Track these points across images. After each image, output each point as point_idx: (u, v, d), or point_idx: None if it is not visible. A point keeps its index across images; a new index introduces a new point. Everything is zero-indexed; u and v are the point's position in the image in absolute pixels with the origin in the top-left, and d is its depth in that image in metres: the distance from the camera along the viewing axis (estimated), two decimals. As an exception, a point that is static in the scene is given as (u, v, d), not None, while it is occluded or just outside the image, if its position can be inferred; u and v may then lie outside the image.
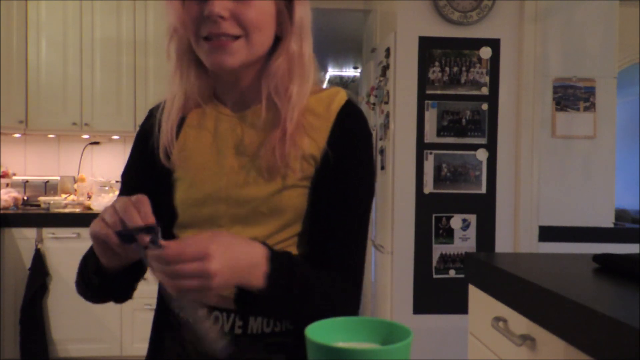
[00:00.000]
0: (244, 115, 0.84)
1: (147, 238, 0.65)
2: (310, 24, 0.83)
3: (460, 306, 2.33)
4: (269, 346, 0.81)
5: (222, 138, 0.84)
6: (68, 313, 3.14)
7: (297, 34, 0.81)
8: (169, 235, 0.86)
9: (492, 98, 2.70)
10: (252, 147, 0.82)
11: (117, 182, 3.64)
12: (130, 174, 0.92)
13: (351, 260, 0.83)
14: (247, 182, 0.81)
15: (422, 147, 2.70)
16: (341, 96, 0.85)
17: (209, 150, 0.84)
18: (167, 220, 0.85)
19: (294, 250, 0.84)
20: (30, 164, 3.77)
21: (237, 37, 0.76)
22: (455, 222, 2.71)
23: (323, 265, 0.80)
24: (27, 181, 3.53)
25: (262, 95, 0.81)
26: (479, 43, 2.70)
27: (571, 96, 2.72)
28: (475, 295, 1.52)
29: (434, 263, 2.71)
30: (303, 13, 0.81)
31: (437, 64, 2.69)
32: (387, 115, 2.80)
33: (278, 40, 0.82)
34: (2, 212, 3.16)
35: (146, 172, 0.88)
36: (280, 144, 0.79)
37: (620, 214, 3.92)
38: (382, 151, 2.95)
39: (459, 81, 2.69)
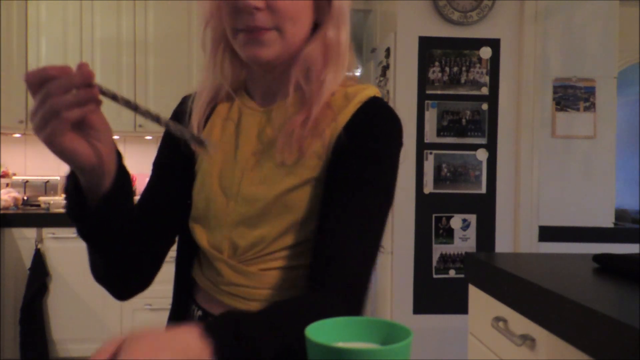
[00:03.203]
0: (269, 110, 0.81)
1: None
2: (349, 12, 0.81)
3: (460, 306, 2.32)
4: None
5: (243, 132, 0.82)
6: (68, 313, 3.14)
7: (334, 21, 0.78)
8: (186, 227, 0.84)
9: (492, 98, 2.70)
10: (270, 140, 0.79)
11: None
12: (161, 162, 0.90)
13: (352, 278, 0.71)
14: (260, 180, 0.78)
15: (422, 147, 2.70)
16: (370, 90, 0.81)
17: (230, 144, 0.82)
18: (187, 210, 0.84)
19: (310, 257, 0.73)
20: (30, 164, 3.76)
21: (271, 29, 0.74)
22: (455, 222, 2.71)
23: (317, 282, 0.70)
24: (27, 181, 3.53)
25: (290, 84, 0.77)
26: (479, 43, 2.69)
27: (571, 96, 2.71)
28: (475, 295, 1.52)
29: (434, 263, 2.71)
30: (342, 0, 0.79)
31: (437, 64, 2.69)
32: (387, 115, 2.80)
33: (317, 28, 0.80)
34: (2, 212, 3.16)
35: (175, 160, 0.87)
36: (300, 128, 0.75)
37: (620, 214, 3.91)
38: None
39: (459, 81, 2.69)
